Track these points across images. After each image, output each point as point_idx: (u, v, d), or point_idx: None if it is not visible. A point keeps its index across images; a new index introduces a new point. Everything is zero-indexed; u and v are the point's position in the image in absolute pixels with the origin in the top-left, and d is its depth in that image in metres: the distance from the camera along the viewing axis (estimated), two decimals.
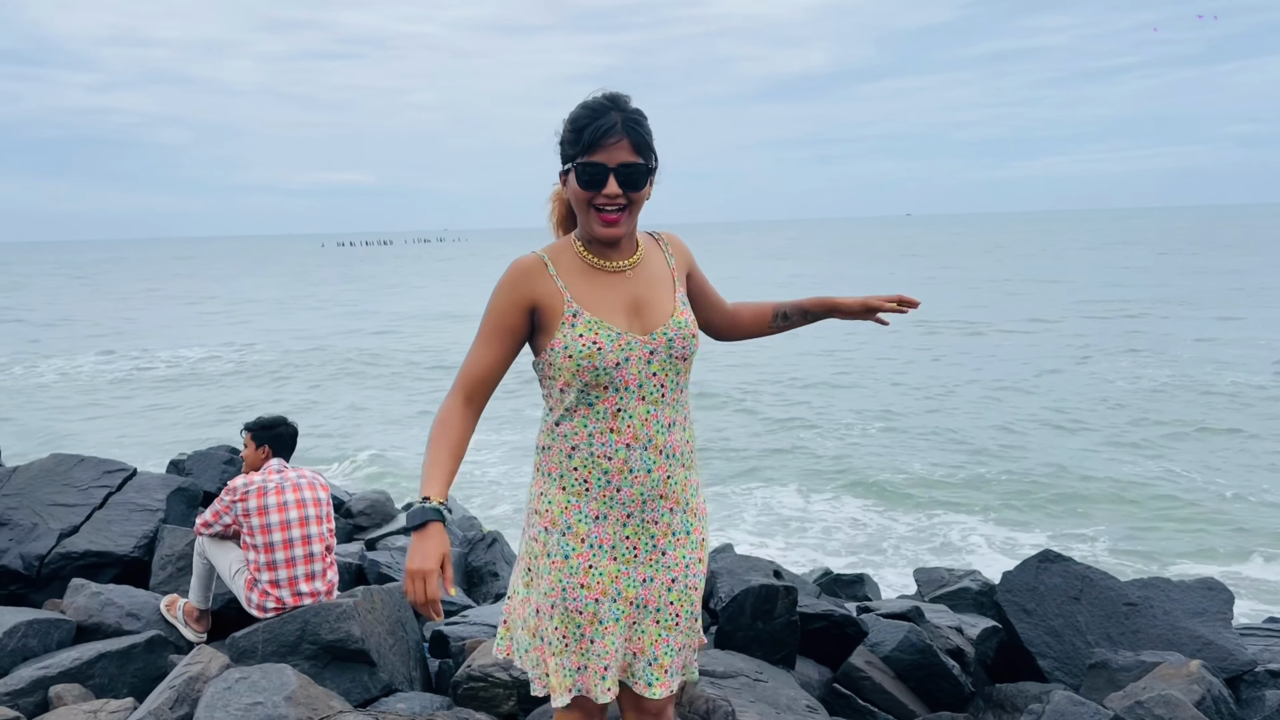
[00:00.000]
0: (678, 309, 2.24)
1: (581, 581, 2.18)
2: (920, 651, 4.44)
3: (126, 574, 5.20)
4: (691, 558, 2.28)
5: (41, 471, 5.75)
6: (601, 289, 2.20)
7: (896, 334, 24.68)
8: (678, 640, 2.27)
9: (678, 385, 2.24)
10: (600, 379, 2.14)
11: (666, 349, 2.19)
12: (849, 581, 6.55)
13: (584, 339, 2.12)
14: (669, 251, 2.34)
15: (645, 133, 2.14)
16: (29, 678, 3.78)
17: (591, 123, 2.10)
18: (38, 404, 19.17)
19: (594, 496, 2.18)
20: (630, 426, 2.16)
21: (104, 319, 36.98)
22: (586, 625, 2.18)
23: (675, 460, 2.23)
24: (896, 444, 13.66)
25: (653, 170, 2.17)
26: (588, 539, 2.19)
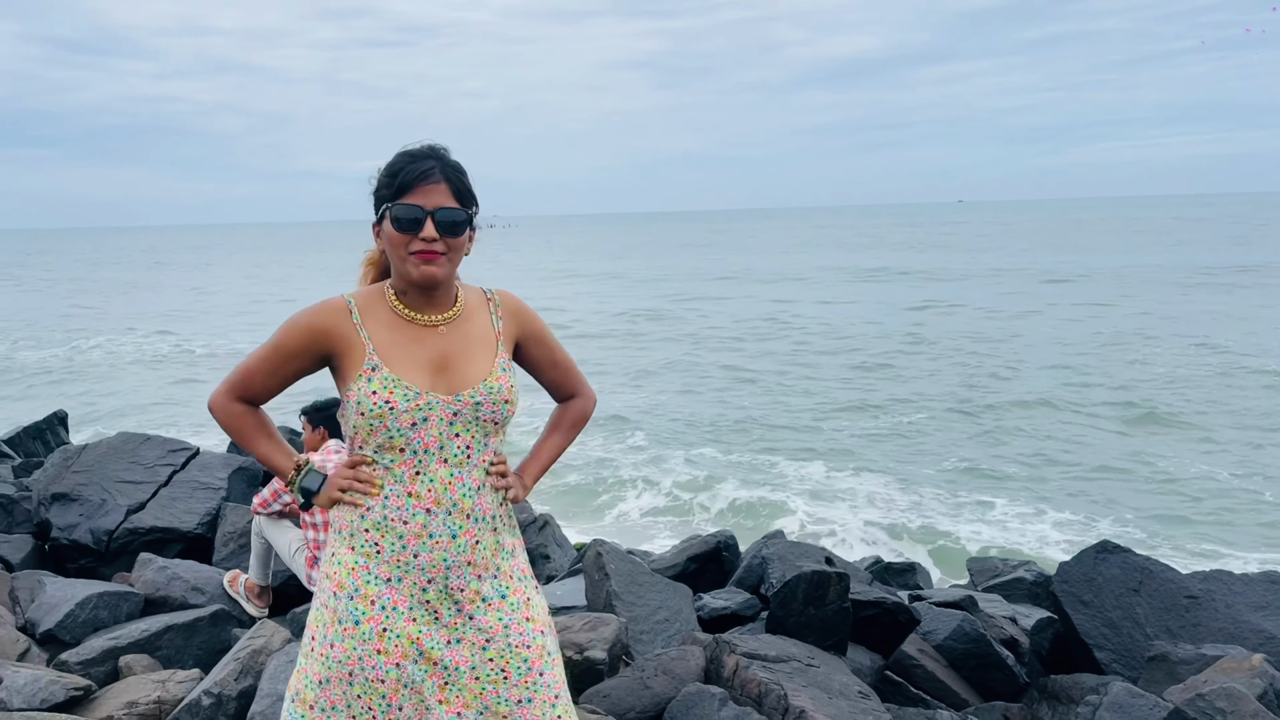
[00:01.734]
0: (494, 372, 2.10)
1: (377, 648, 2.03)
2: (974, 640, 4.40)
3: (190, 550, 5.33)
4: (511, 618, 2.11)
5: (110, 449, 5.92)
6: (408, 343, 2.07)
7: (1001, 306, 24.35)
8: (512, 693, 2.07)
9: (486, 446, 2.10)
10: (395, 440, 2.02)
11: (473, 412, 2.06)
12: (900, 570, 6.51)
13: (377, 395, 2.00)
14: (498, 314, 2.18)
15: (466, 181, 2.06)
16: (100, 647, 3.91)
17: (408, 165, 2.02)
18: (106, 381, 19.72)
19: (385, 560, 2.04)
20: (432, 491, 2.03)
21: (170, 303, 37.85)
22: (391, 694, 2.04)
23: (484, 524, 2.09)
24: (955, 429, 13.50)
25: (472, 220, 2.06)
26: (379, 601, 2.04)
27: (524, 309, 2.24)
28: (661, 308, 30.84)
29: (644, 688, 3.60)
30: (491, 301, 2.20)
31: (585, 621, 3.91)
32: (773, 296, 33.11)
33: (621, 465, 12.17)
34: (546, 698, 2.11)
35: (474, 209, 2.07)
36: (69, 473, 5.72)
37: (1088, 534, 9.12)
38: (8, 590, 4.62)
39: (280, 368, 2.10)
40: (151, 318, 31.95)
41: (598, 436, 13.71)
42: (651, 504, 10.59)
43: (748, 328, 25.50)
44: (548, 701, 2.11)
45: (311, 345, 2.07)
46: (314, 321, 2.07)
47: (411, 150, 2.05)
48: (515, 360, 2.23)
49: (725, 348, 22.30)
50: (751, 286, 36.73)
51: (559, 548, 6.55)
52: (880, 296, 30.76)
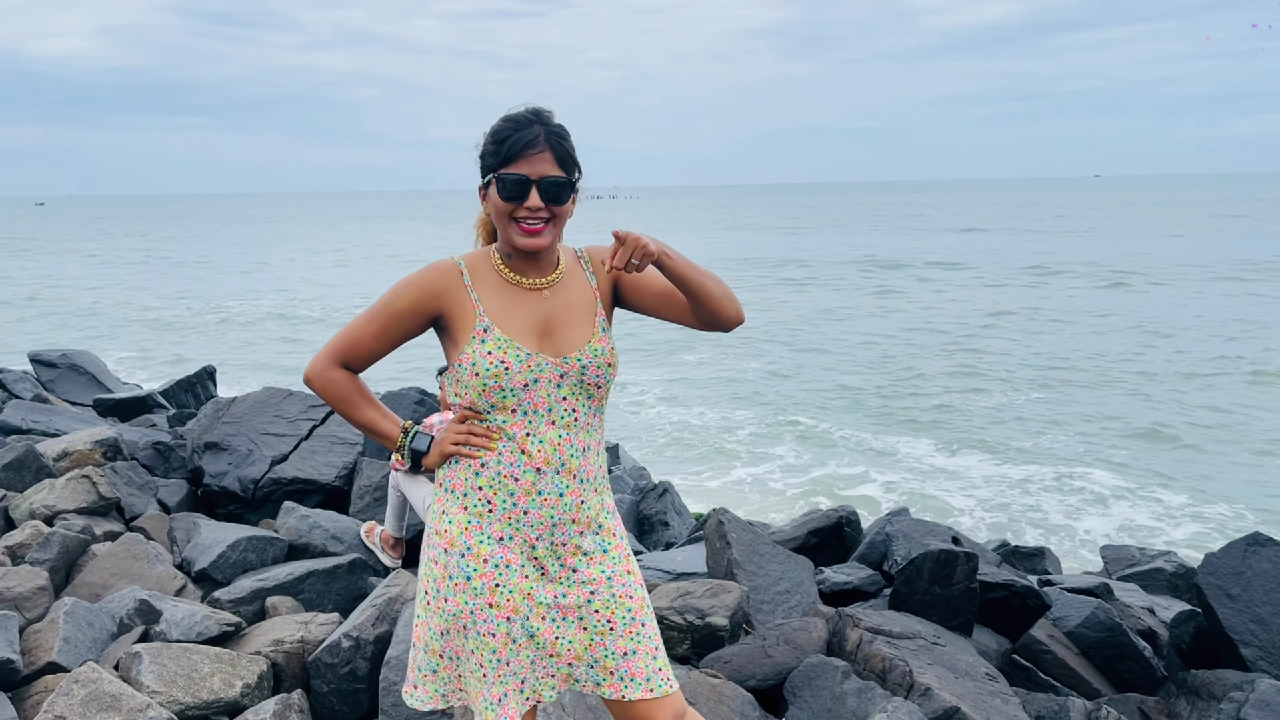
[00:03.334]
0: (595, 335, 2.13)
1: (489, 601, 2.08)
2: (1109, 629, 4.25)
3: (329, 500, 5.59)
4: (613, 570, 2.16)
5: (256, 403, 6.23)
6: (515, 306, 2.11)
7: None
8: (618, 645, 2.13)
9: (591, 410, 2.14)
10: (507, 400, 2.06)
11: (579, 375, 2.09)
12: (1028, 554, 6.31)
13: (492, 356, 2.04)
14: (590, 270, 2.21)
15: (569, 147, 2.07)
16: (249, 588, 4.14)
17: (513, 134, 2.03)
18: (255, 336, 20.76)
19: (497, 518, 2.08)
20: (542, 450, 2.07)
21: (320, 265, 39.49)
22: (501, 648, 2.09)
23: (588, 485, 2.14)
24: (1080, 413, 12.99)
25: (575, 185, 2.08)
26: (491, 559, 2.09)
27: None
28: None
29: (765, 656, 3.61)
30: (582, 260, 2.23)
31: (707, 588, 3.93)
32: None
33: (732, 435, 12.15)
34: (649, 649, 2.16)
35: (578, 175, 2.09)
36: (219, 423, 6.05)
37: (1230, 526, 8.67)
38: (166, 531, 4.94)
39: (389, 328, 2.12)
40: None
41: (707, 406, 13.72)
42: (764, 475, 10.54)
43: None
44: (649, 654, 2.15)
45: (423, 305, 2.10)
46: (426, 281, 2.11)
47: (515, 116, 2.07)
48: (626, 305, 2.25)
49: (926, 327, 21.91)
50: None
51: (678, 515, 6.60)
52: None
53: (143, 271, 38.25)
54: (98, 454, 5.50)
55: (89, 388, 9.35)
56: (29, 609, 3.81)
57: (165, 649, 3.36)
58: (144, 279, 34.97)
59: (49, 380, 9.38)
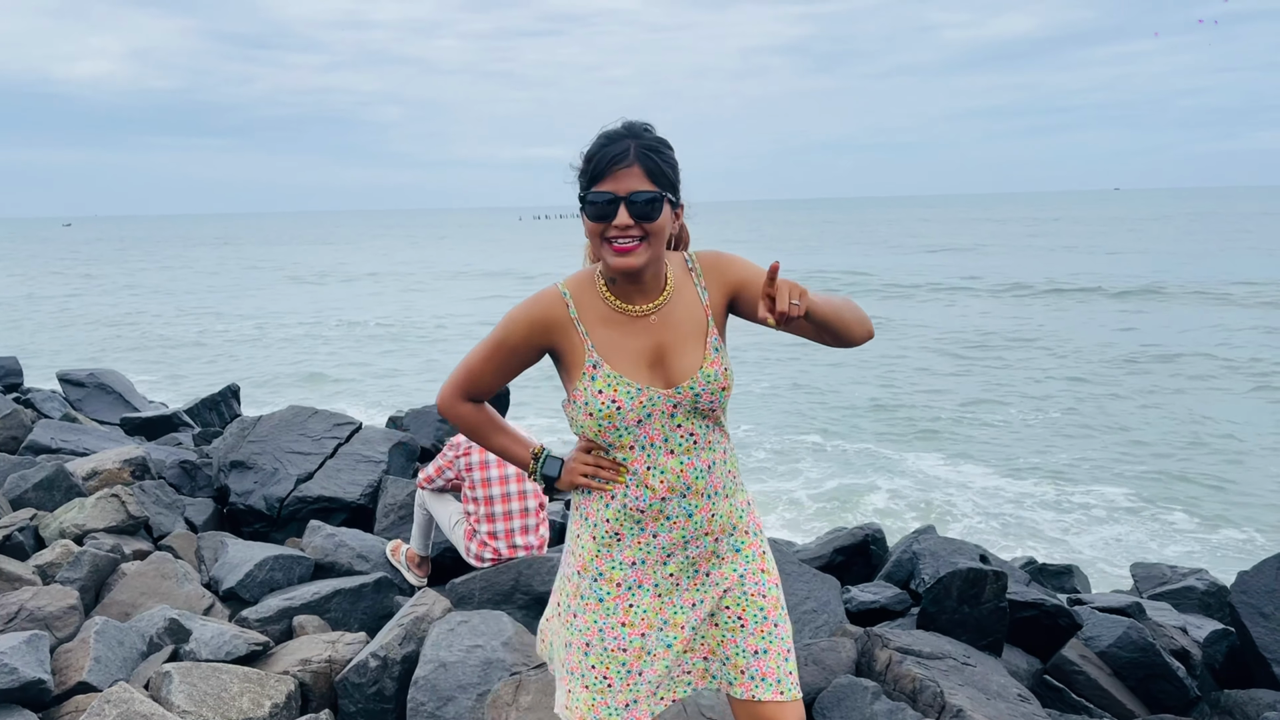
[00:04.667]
0: (707, 358, 2.07)
1: (623, 620, 2.12)
2: (1142, 649, 4.19)
3: (353, 519, 5.60)
4: (746, 569, 2.18)
5: (281, 421, 6.27)
6: (623, 337, 2.06)
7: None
8: (749, 643, 2.15)
9: (709, 429, 2.11)
10: (623, 438, 2.06)
11: (692, 403, 2.06)
12: (1056, 572, 6.25)
13: (603, 395, 2.03)
14: (702, 283, 2.13)
15: (662, 160, 1.98)
16: (276, 607, 4.15)
17: (601, 150, 1.98)
18: (280, 354, 20.91)
19: (627, 545, 2.11)
20: (665, 480, 2.07)
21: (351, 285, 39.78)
22: (633, 660, 2.12)
23: (718, 496, 2.13)
24: (1101, 429, 12.87)
25: (671, 199, 2.00)
26: (624, 583, 2.12)
27: (726, 263, 2.15)
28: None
29: None
30: (693, 271, 2.14)
31: None
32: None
33: (753, 451, 12.11)
34: (780, 650, 2.16)
35: (671, 186, 2.01)
36: (245, 442, 6.09)
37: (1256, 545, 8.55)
38: (194, 550, 4.97)
39: (503, 365, 2.15)
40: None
41: (729, 421, 13.69)
42: (788, 491, 10.49)
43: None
44: (781, 655, 2.16)
45: (533, 340, 2.10)
46: (534, 316, 2.09)
47: (608, 131, 2.02)
48: (740, 314, 2.15)
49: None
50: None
51: None
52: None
53: (167, 290, 38.64)
54: (126, 473, 5.55)
55: (116, 406, 9.43)
56: (60, 628, 3.84)
57: (195, 668, 3.38)
58: (168, 298, 35.33)
59: (77, 399, 9.48)
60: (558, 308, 2.08)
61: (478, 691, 3.35)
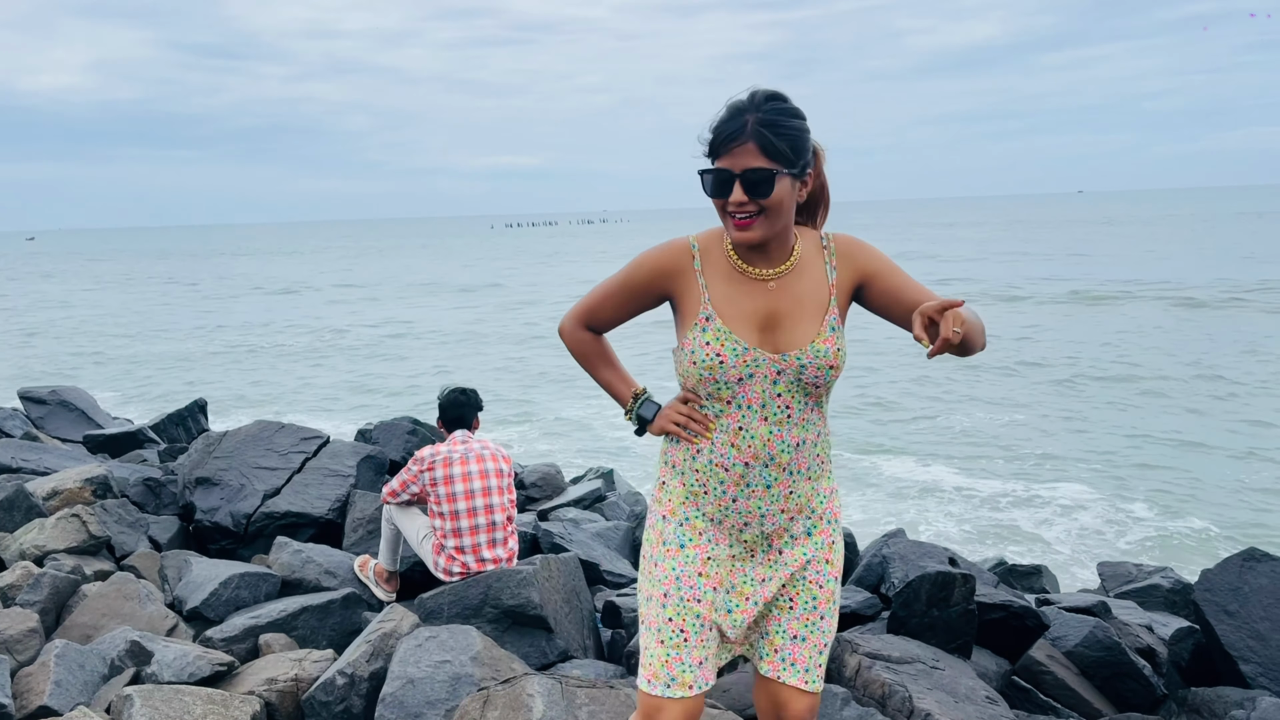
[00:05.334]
0: (821, 335, 2.08)
1: (699, 570, 2.16)
2: (1108, 648, 4.23)
3: (322, 534, 5.55)
4: (814, 555, 2.21)
5: (247, 436, 6.20)
6: (740, 296, 2.09)
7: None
8: (792, 626, 2.19)
9: (807, 407, 2.12)
10: (721, 392, 2.08)
11: (796, 373, 2.07)
12: (1025, 572, 6.31)
13: (710, 347, 2.06)
14: (833, 263, 2.14)
15: (780, 134, 1.95)
16: (242, 625, 4.10)
17: (720, 124, 1.99)
18: (244, 367, 20.70)
19: (711, 500, 2.16)
20: (751, 445, 2.09)
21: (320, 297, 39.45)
22: (707, 613, 2.15)
23: (800, 475, 2.15)
24: (1072, 429, 13.01)
25: (791, 173, 1.98)
26: (705, 533, 2.18)
27: (861, 249, 2.16)
28: None
29: None
30: (827, 250, 2.16)
31: None
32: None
33: None
34: (818, 642, 2.20)
35: (790, 160, 1.97)
36: (210, 458, 6.01)
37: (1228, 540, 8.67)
38: (157, 569, 4.90)
39: (626, 303, 2.22)
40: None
41: None
42: None
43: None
44: (817, 647, 2.20)
45: (655, 284, 2.16)
46: (660, 261, 2.14)
47: (732, 103, 2.00)
48: (868, 306, 2.17)
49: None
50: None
51: None
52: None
53: (133, 303, 38.18)
54: (87, 492, 5.46)
55: (79, 424, 9.30)
56: (20, 652, 3.77)
57: (157, 691, 3.32)
58: (135, 311, 34.91)
59: (39, 417, 9.33)
60: (684, 257, 2.13)
61: (446, 707, 3.32)
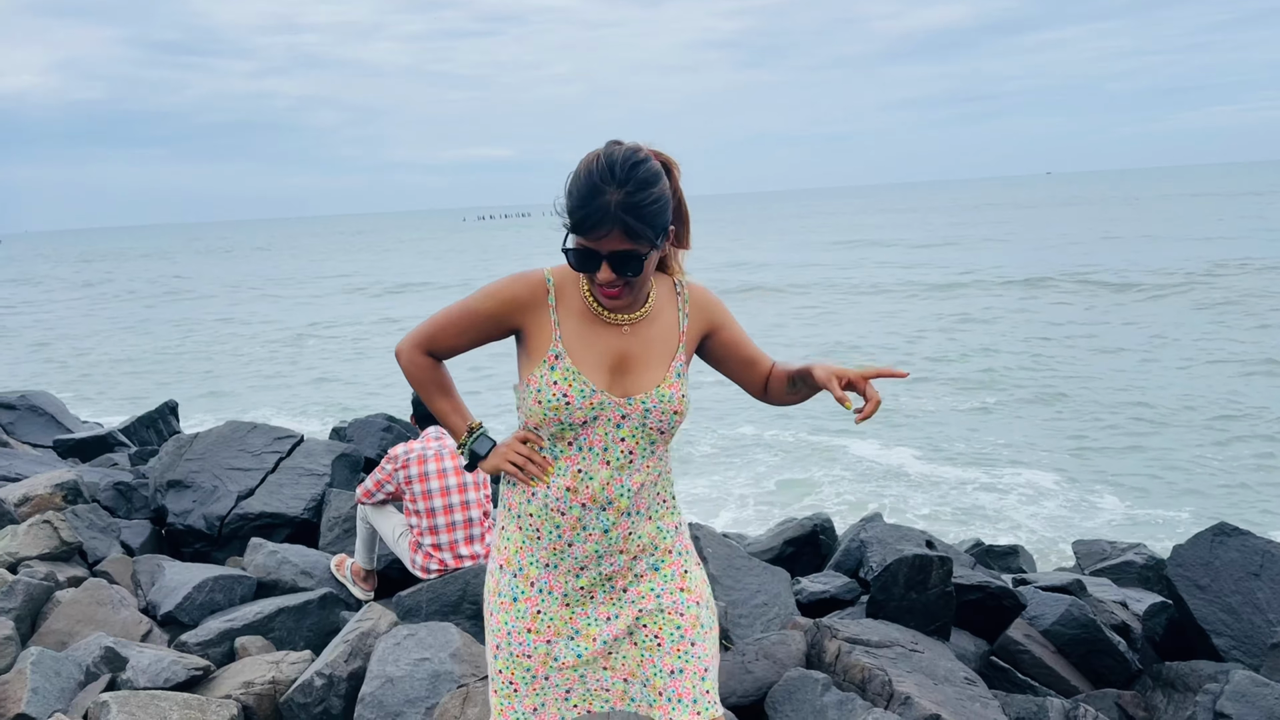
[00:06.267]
0: (668, 380, 2.06)
1: (528, 626, 2.11)
2: (1083, 626, 4.28)
3: (298, 534, 5.50)
4: (664, 588, 2.14)
5: (219, 438, 6.13)
6: (593, 337, 2.05)
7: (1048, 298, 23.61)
8: (666, 662, 2.11)
9: (649, 453, 2.08)
10: (565, 434, 2.03)
11: (641, 418, 2.03)
12: (1002, 553, 6.36)
13: (557, 387, 2.00)
14: (685, 310, 2.13)
15: (644, 216, 1.89)
16: (217, 629, 4.06)
17: (581, 205, 1.89)
18: (214, 368, 20.49)
19: (544, 545, 2.09)
20: (590, 488, 2.04)
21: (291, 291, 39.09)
22: (538, 666, 2.11)
23: (640, 516, 2.10)
24: (1043, 413, 13.13)
25: (656, 247, 1.95)
26: (537, 583, 2.11)
27: (712, 302, 2.17)
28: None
29: (745, 672, 3.59)
30: (680, 297, 2.14)
31: None
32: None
33: (700, 446, 12.15)
34: (697, 669, 2.12)
35: (654, 241, 1.94)
36: (182, 460, 5.94)
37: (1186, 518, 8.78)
38: (130, 574, 4.84)
39: (470, 332, 2.12)
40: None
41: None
42: (735, 486, 10.54)
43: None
44: (697, 674, 2.12)
45: (505, 316, 2.08)
46: (513, 294, 2.06)
47: (592, 176, 1.90)
48: (704, 355, 2.20)
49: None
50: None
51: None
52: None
53: (96, 305, 37.70)
54: (58, 498, 5.39)
55: (49, 428, 9.17)
56: None
57: (133, 697, 3.29)
58: (101, 313, 34.47)
59: (8, 423, 9.19)
60: (539, 291, 2.06)
61: (426, 705, 3.31)
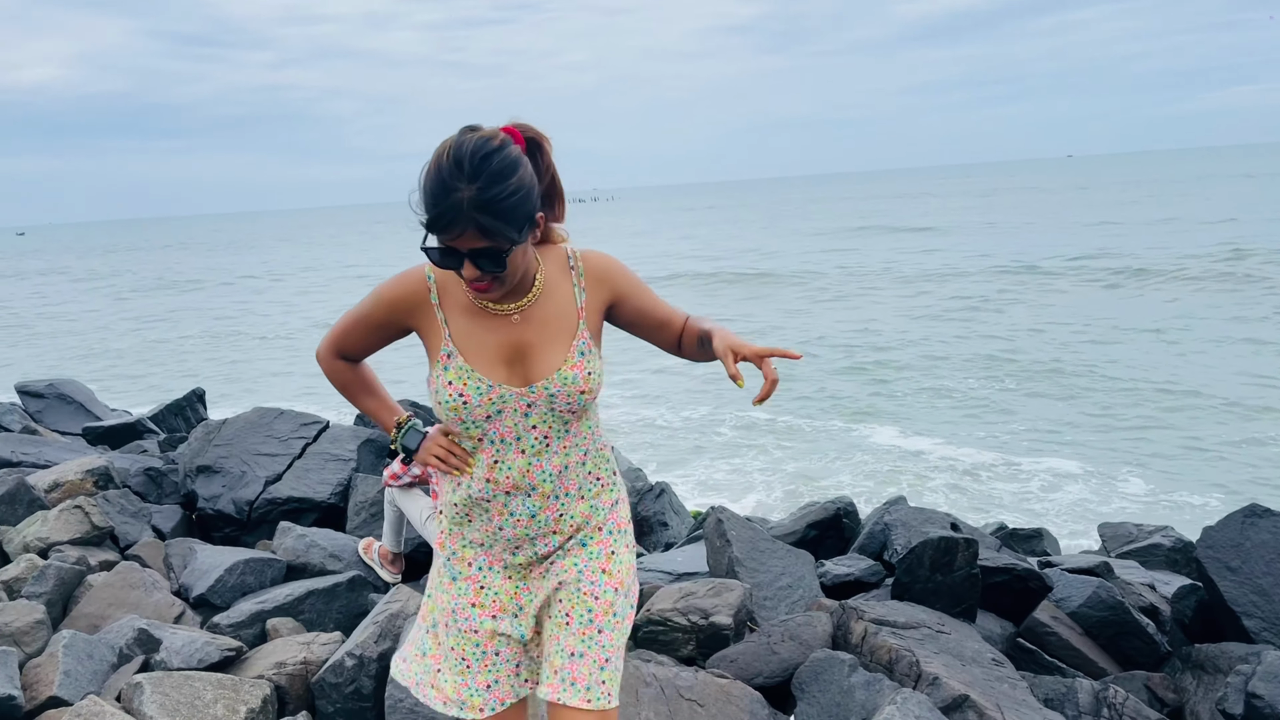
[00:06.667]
0: (569, 360, 1.99)
1: (473, 601, 2.11)
2: (1111, 608, 4.26)
3: (325, 518, 5.55)
4: (586, 566, 2.10)
5: (246, 424, 6.19)
6: (482, 331, 2.00)
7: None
8: (569, 643, 2.05)
9: (564, 432, 2.03)
10: (470, 431, 2.01)
11: (548, 404, 1.99)
12: (1027, 536, 6.33)
13: (453, 387, 1.97)
14: (581, 284, 2.05)
15: (500, 213, 1.78)
16: (248, 611, 4.11)
17: (434, 204, 1.80)
18: (242, 355, 20.67)
19: (475, 529, 2.09)
20: (510, 477, 2.02)
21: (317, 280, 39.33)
22: (486, 641, 2.11)
23: (570, 497, 2.08)
24: (1065, 398, 13.04)
25: (518, 241, 1.84)
26: (475, 562, 2.12)
27: (611, 270, 2.08)
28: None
29: (771, 653, 3.60)
30: (574, 270, 2.06)
31: (710, 587, 3.92)
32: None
33: (720, 429, 12.15)
34: (597, 658, 2.05)
35: (515, 236, 1.83)
36: (211, 446, 6.01)
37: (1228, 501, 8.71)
38: (162, 558, 4.90)
39: (368, 335, 2.13)
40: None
41: (693, 404, 13.72)
42: (752, 472, 10.54)
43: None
44: (597, 662, 2.05)
45: (394, 319, 2.07)
46: (395, 296, 2.05)
47: (441, 174, 1.79)
48: (615, 322, 2.13)
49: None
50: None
51: (676, 515, 6.59)
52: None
53: (125, 296, 38.04)
54: (89, 483, 5.46)
55: (78, 416, 9.28)
56: (28, 643, 3.78)
57: (167, 678, 3.33)
58: (129, 304, 34.79)
59: (37, 411, 9.31)
60: (420, 291, 2.02)
61: None
